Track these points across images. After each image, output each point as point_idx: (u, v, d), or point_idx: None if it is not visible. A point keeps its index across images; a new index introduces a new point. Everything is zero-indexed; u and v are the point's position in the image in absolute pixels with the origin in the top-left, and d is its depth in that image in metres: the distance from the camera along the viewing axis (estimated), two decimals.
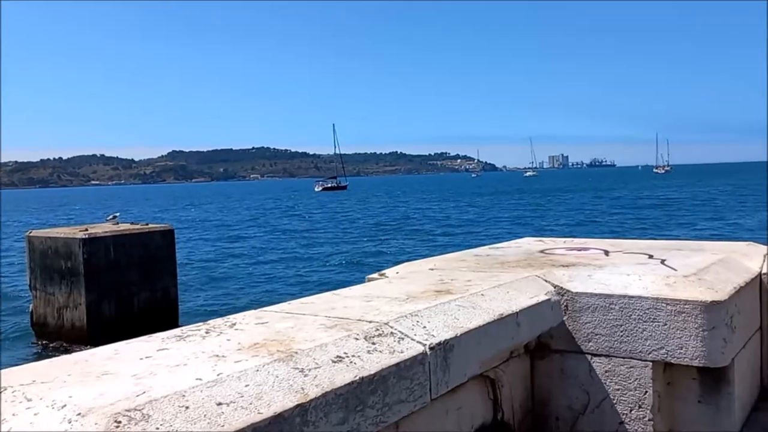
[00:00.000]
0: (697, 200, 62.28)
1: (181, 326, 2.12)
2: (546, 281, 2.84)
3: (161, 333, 2.01)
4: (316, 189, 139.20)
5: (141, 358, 1.71)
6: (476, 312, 2.29)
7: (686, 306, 2.53)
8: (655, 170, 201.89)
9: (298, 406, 1.50)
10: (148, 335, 1.98)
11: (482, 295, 2.48)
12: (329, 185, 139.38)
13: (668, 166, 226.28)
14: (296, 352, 1.74)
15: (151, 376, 1.56)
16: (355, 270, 24.67)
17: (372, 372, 1.73)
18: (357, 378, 1.68)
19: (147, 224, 16.86)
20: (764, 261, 3.13)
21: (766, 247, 3.42)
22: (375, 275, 3.31)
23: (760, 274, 3.05)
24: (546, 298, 2.66)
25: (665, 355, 2.59)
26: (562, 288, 2.79)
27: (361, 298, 2.50)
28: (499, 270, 3.09)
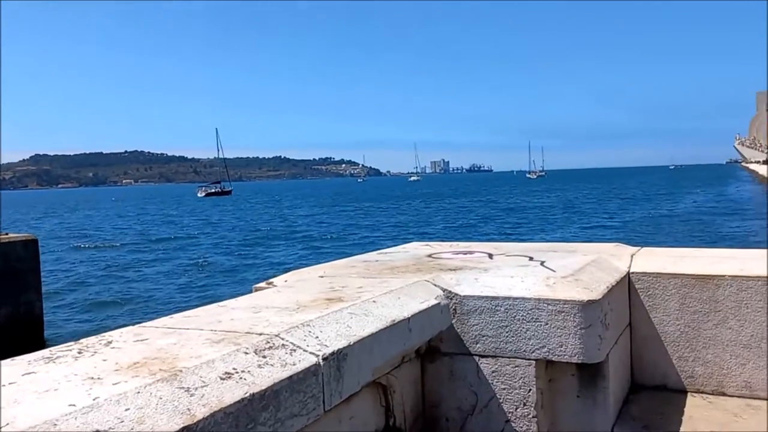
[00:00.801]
0: (567, 204, 66.59)
1: (49, 346, 1.94)
2: (435, 285, 2.88)
3: (27, 355, 1.82)
4: (198, 195, 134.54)
5: (4, 385, 1.53)
6: (369, 319, 2.27)
7: (565, 305, 2.66)
8: (528, 175, 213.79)
9: (184, 428, 1.40)
10: (11, 358, 1.78)
11: (374, 301, 2.47)
12: (213, 190, 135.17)
13: (542, 171, 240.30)
14: (181, 371, 1.63)
15: (16, 404, 1.40)
16: (241, 279, 24.04)
17: (263, 387, 1.66)
18: (247, 395, 1.60)
19: (7, 234, 15.49)
20: (631, 261, 3.36)
21: (632, 248, 3.68)
22: (262, 284, 3.21)
23: (628, 273, 3.26)
24: (436, 302, 2.70)
25: (547, 354, 2.70)
26: (450, 292, 2.84)
27: (249, 309, 2.40)
28: (389, 275, 3.10)
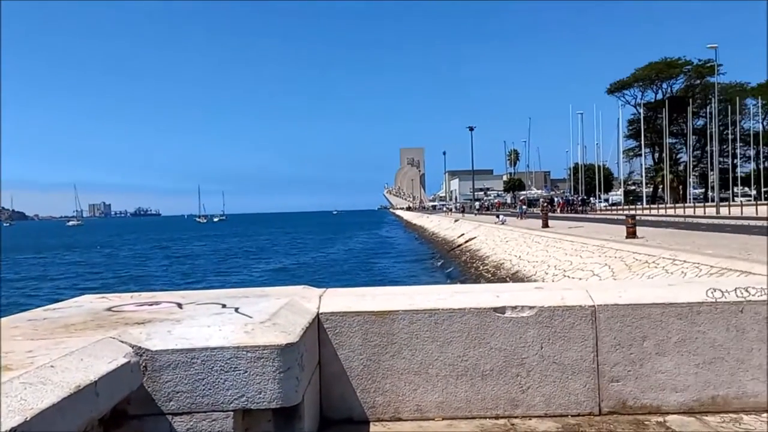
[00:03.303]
0: (248, 246, 67.42)
1: None
2: (123, 342, 2.62)
3: None
4: None
5: None
6: (48, 388, 1.95)
7: (265, 351, 2.66)
8: (198, 219, 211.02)
9: None
10: None
11: (52, 366, 2.13)
12: None
13: (223, 215, 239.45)
14: None
15: None
16: None
17: None
18: None
19: None
20: (320, 301, 3.54)
21: (319, 289, 3.88)
22: None
23: (317, 314, 3.43)
24: (125, 360, 2.45)
25: (245, 402, 2.66)
26: (140, 348, 2.62)
27: None
28: (65, 335, 2.72)
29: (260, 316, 2.96)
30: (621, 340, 3.46)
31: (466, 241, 43.35)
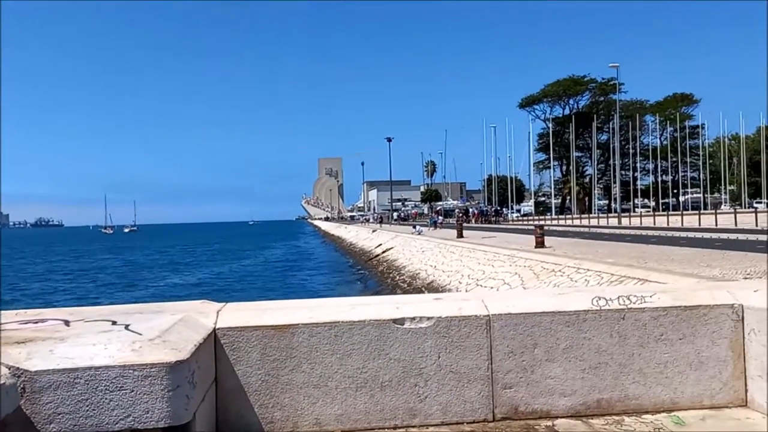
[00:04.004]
0: (159, 259, 64.99)
1: None
2: None
3: None
4: None
5: None
6: None
7: (152, 369, 2.59)
8: (103, 230, 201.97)
9: None
10: None
11: None
12: None
13: (134, 226, 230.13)
14: None
15: None
16: None
17: None
18: None
19: None
20: (217, 317, 3.48)
21: (218, 304, 3.82)
22: None
23: (214, 329, 3.37)
24: (1, 382, 2.32)
25: (132, 422, 2.58)
26: (18, 368, 2.49)
27: None
28: None
29: (150, 333, 2.88)
30: (514, 347, 3.60)
31: (384, 252, 43.72)
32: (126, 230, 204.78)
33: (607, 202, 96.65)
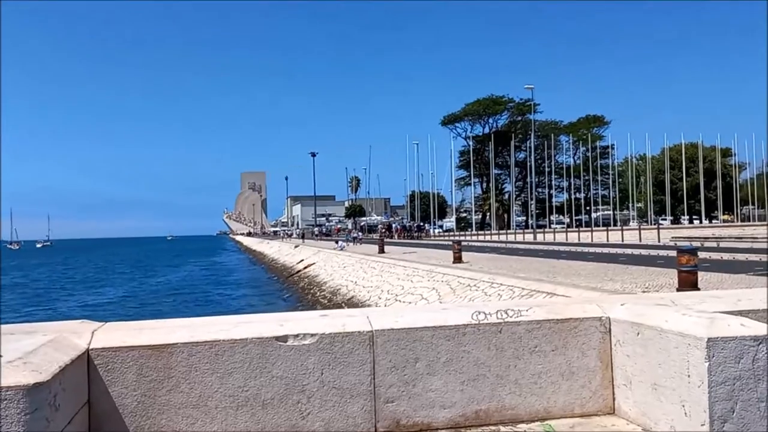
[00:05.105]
0: (71, 276, 61.80)
1: None
2: None
3: None
4: None
5: None
6: None
7: (8, 392, 2.50)
8: (8, 246, 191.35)
9: None
10: None
11: None
12: None
13: (48, 240, 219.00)
14: None
15: None
16: None
17: None
18: None
19: None
20: (92, 337, 3.38)
21: (96, 323, 3.71)
22: None
23: (87, 350, 3.27)
24: None
25: None
26: None
27: None
28: None
29: (12, 355, 2.77)
30: (396, 362, 3.68)
31: (305, 267, 43.44)
32: (38, 245, 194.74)
33: (525, 218, 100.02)
